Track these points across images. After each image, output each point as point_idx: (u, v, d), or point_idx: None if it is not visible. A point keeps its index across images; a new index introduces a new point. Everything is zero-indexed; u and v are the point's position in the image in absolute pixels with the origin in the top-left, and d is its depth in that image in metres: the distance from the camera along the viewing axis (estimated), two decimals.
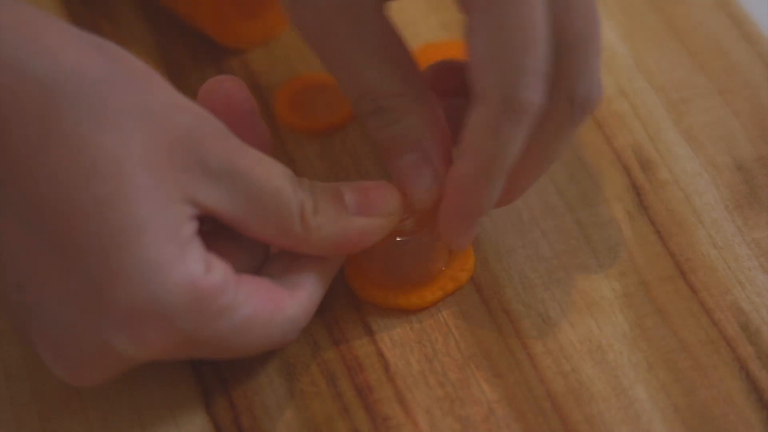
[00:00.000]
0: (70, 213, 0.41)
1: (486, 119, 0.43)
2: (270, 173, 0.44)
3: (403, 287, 0.50)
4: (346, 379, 0.49)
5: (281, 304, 0.45)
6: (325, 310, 0.50)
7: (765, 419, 0.47)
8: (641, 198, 0.54)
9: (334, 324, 0.50)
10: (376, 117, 0.46)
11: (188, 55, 0.59)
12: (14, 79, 0.41)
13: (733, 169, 0.54)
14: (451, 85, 0.50)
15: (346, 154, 0.55)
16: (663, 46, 0.59)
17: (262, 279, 0.46)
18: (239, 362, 0.49)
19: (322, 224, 0.45)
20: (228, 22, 0.58)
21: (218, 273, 0.43)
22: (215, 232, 0.46)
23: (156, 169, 0.42)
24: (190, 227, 0.43)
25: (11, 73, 0.41)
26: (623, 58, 0.58)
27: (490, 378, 0.49)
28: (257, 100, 0.53)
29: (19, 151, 0.41)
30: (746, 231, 0.52)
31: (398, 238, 0.49)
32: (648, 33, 0.59)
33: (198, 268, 0.43)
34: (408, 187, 0.47)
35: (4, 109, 0.41)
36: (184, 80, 0.58)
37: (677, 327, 0.50)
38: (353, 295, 0.51)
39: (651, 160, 0.55)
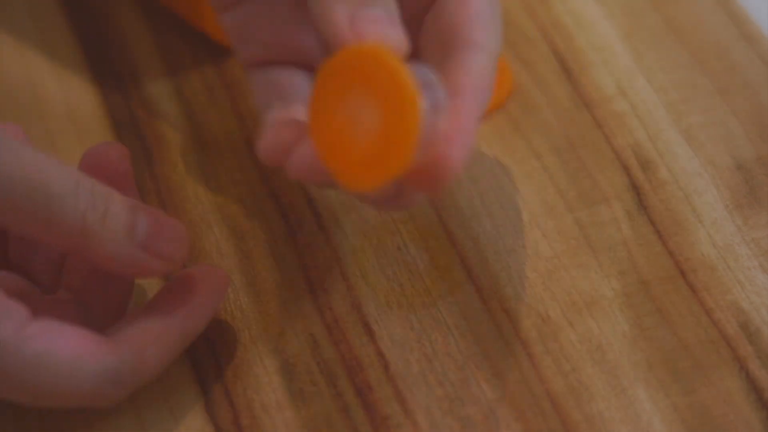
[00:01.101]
0: None
1: (485, 64, 0.46)
2: (42, 167, 0.43)
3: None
4: (346, 378, 0.49)
5: (92, 350, 0.44)
6: (324, 310, 0.51)
7: (765, 419, 0.47)
8: (641, 198, 0.54)
9: (334, 324, 0.50)
10: None
11: (188, 55, 0.59)
12: None
13: (733, 169, 0.54)
14: None
15: None
16: (663, 46, 0.59)
17: (74, 326, 0.44)
18: (239, 362, 0.49)
19: (105, 238, 0.44)
20: None
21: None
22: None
23: None
24: None
25: None
26: (623, 58, 0.58)
27: (490, 378, 0.49)
28: None
29: None
30: (746, 231, 0.52)
31: None
32: (648, 33, 0.59)
33: None
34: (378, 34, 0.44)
35: None
36: (184, 80, 0.58)
37: (677, 327, 0.50)
38: (353, 294, 0.51)
39: (651, 159, 0.55)
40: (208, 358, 0.49)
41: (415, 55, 0.47)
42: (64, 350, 0.43)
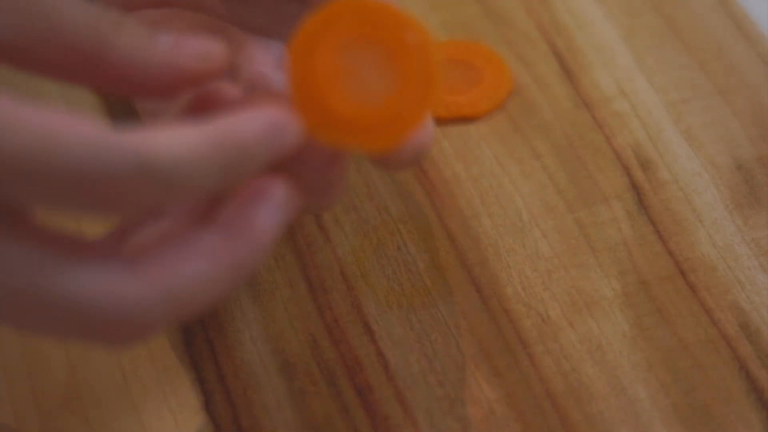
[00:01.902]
0: None
1: None
2: None
3: None
4: (345, 378, 0.49)
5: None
6: (324, 310, 0.51)
7: (765, 419, 0.47)
8: (641, 198, 0.54)
9: (334, 324, 0.50)
10: None
11: None
12: None
13: (733, 169, 0.54)
14: None
15: None
16: (663, 46, 0.59)
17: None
18: (239, 361, 0.49)
19: (123, 42, 0.38)
20: None
21: None
22: None
23: None
24: None
25: None
26: (623, 58, 0.58)
27: (490, 378, 0.49)
28: None
29: None
30: (746, 231, 0.52)
31: None
32: (648, 33, 0.59)
33: None
34: None
35: None
36: None
37: (677, 326, 0.50)
38: (353, 294, 0.51)
39: (651, 159, 0.55)
40: (208, 358, 0.49)
41: None
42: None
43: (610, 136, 0.56)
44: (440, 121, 0.56)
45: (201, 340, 0.50)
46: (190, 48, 0.39)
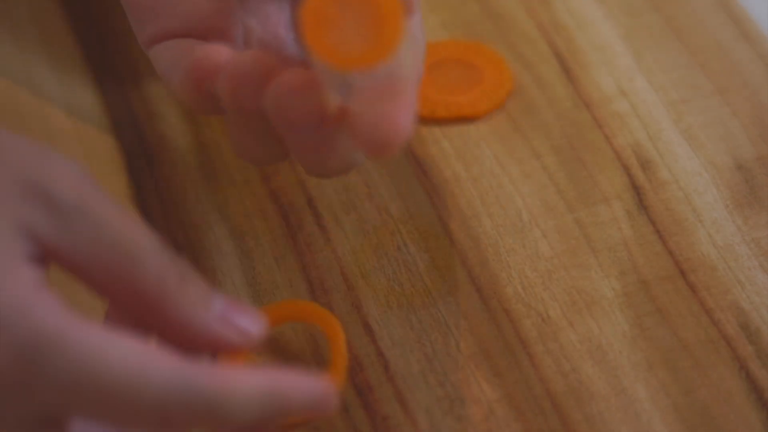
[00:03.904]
0: None
1: (418, 21, 0.48)
2: (127, 222, 0.40)
3: None
4: (347, 378, 0.49)
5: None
6: None
7: (765, 419, 0.47)
8: (641, 197, 0.54)
9: None
10: None
11: None
12: None
13: (733, 168, 0.54)
14: None
15: None
16: (663, 46, 0.59)
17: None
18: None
19: (183, 302, 0.41)
20: None
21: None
22: None
23: None
24: (26, 265, 0.39)
25: None
26: (623, 58, 0.58)
27: (490, 378, 0.49)
28: None
29: None
30: (746, 231, 0.52)
31: None
32: (648, 33, 0.59)
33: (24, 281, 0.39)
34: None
35: None
36: None
37: (677, 326, 0.50)
38: (353, 294, 0.51)
39: (651, 159, 0.55)
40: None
41: None
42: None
43: (610, 136, 0.56)
44: (440, 121, 0.56)
45: None
46: (237, 321, 0.42)
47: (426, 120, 0.56)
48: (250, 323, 0.42)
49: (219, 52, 0.46)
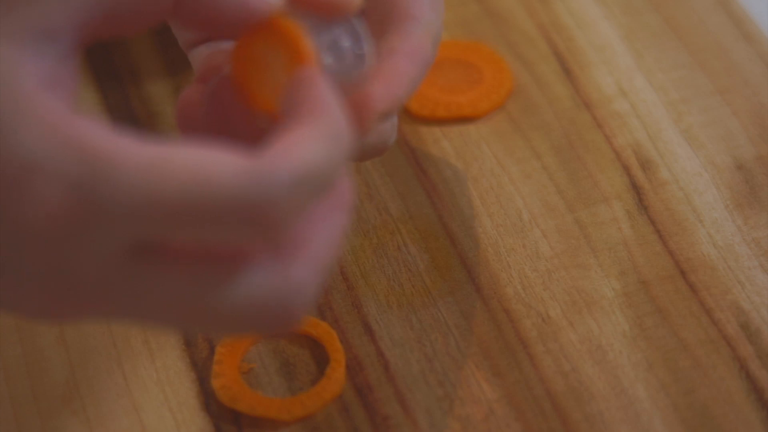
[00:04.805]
0: None
1: (421, 34, 0.47)
2: None
3: None
4: (346, 378, 0.49)
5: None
6: (325, 310, 0.51)
7: (765, 418, 0.47)
8: (641, 197, 0.54)
9: (334, 324, 0.50)
10: None
11: None
12: None
13: (733, 168, 0.54)
14: None
15: None
16: (663, 46, 0.59)
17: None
18: (239, 362, 0.49)
19: None
20: None
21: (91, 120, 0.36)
22: None
23: None
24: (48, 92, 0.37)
25: None
26: (623, 58, 0.58)
27: (490, 378, 0.49)
28: None
29: None
30: (746, 230, 0.52)
31: None
32: (648, 33, 0.59)
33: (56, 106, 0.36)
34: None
35: None
36: (185, 80, 0.58)
37: (677, 326, 0.50)
38: (353, 294, 0.51)
39: (651, 159, 0.55)
40: (208, 358, 0.49)
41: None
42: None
43: (610, 136, 0.56)
44: (440, 121, 0.56)
45: (201, 340, 0.50)
46: None
47: (426, 120, 0.56)
48: None
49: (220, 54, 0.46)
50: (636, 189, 0.54)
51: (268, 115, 0.42)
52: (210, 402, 0.48)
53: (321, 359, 0.49)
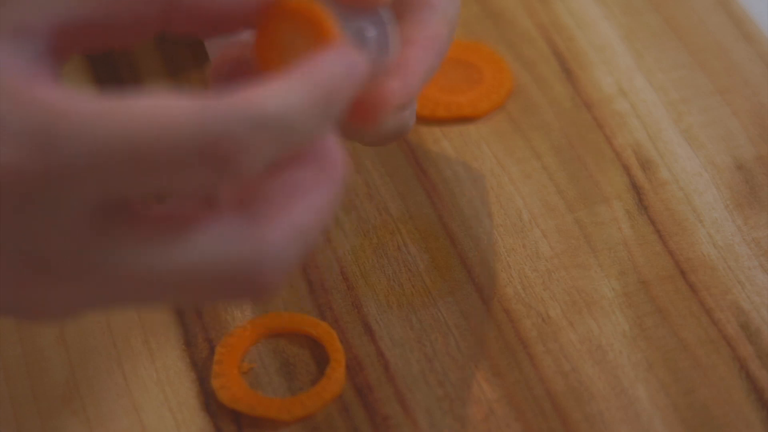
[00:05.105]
0: None
1: (438, 22, 0.46)
2: None
3: None
4: (346, 378, 0.49)
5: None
6: (325, 310, 0.51)
7: (765, 418, 0.47)
8: (641, 197, 0.54)
9: (334, 324, 0.50)
10: None
11: (188, 55, 0.59)
12: None
13: (733, 168, 0.54)
14: None
15: None
16: (663, 46, 0.59)
17: None
18: (239, 362, 0.49)
19: None
20: None
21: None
22: None
23: None
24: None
25: None
26: (623, 58, 0.58)
27: (490, 378, 0.49)
28: None
29: None
30: (746, 230, 0.52)
31: None
32: (648, 33, 0.59)
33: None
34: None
35: None
36: (185, 80, 0.58)
37: (677, 326, 0.50)
38: (353, 294, 0.51)
39: (651, 159, 0.55)
40: (208, 358, 0.49)
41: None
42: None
43: (610, 136, 0.56)
44: (440, 121, 0.56)
45: (201, 340, 0.50)
46: None
47: (426, 120, 0.56)
48: None
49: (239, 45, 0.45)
50: (636, 189, 0.54)
51: None
52: (210, 402, 0.48)
53: (321, 359, 0.49)
